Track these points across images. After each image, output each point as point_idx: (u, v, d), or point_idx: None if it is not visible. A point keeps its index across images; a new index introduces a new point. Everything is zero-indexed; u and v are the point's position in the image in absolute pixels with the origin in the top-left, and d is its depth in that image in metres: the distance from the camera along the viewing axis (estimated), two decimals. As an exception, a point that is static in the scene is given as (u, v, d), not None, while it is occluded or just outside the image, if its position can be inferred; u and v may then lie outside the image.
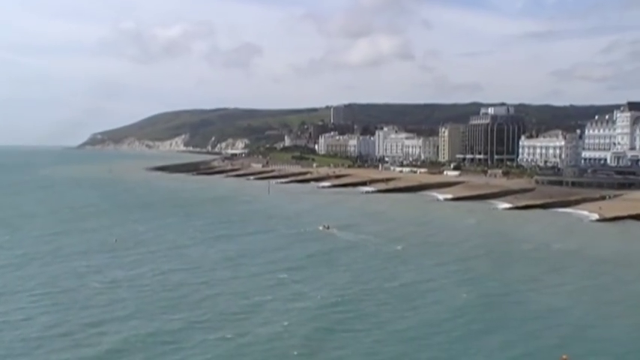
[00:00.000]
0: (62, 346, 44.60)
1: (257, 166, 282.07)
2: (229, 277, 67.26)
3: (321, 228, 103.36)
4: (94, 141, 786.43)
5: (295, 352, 43.77)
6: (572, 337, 48.43)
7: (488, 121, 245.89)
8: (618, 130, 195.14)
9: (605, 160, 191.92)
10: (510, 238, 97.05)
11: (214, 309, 54.36)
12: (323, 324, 50.45)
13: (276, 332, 48.02)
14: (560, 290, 62.47)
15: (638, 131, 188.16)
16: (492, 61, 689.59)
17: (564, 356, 43.30)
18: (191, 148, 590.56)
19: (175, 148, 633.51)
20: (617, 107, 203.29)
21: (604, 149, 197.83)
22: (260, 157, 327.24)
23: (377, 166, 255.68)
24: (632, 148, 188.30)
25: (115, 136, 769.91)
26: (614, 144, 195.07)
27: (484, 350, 45.45)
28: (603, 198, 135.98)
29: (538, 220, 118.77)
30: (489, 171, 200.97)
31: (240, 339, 46.53)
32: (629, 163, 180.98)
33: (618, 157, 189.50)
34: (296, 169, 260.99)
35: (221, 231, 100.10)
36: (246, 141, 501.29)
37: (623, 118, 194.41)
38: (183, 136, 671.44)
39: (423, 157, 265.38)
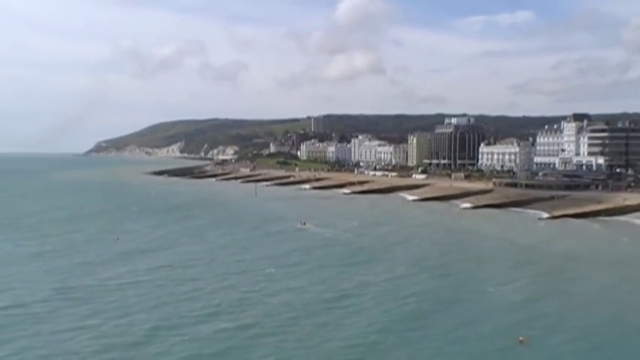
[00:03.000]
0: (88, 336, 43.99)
1: (245, 171, 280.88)
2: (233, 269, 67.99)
3: (299, 225, 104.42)
4: (98, 148, 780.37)
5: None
6: (529, 320, 48.93)
7: (451, 130, 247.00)
8: (565, 139, 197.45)
9: (554, 164, 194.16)
10: (473, 234, 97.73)
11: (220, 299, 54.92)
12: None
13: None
14: (516, 280, 63.14)
15: (582, 139, 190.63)
16: (455, 77, 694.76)
17: (521, 337, 43.68)
18: (186, 155, 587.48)
19: (172, 155, 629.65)
20: (564, 118, 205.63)
21: (553, 155, 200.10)
22: (248, 162, 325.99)
23: (353, 171, 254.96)
24: (577, 154, 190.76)
25: (118, 144, 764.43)
26: (562, 150, 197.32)
27: (450, 332, 46.13)
28: (552, 198, 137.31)
29: (496, 218, 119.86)
30: (453, 174, 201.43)
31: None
32: (575, 168, 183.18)
33: (565, 162, 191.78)
34: (280, 173, 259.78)
35: (215, 232, 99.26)
36: (236, 148, 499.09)
37: (569, 128, 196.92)
38: (178, 144, 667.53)
39: (393, 162, 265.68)
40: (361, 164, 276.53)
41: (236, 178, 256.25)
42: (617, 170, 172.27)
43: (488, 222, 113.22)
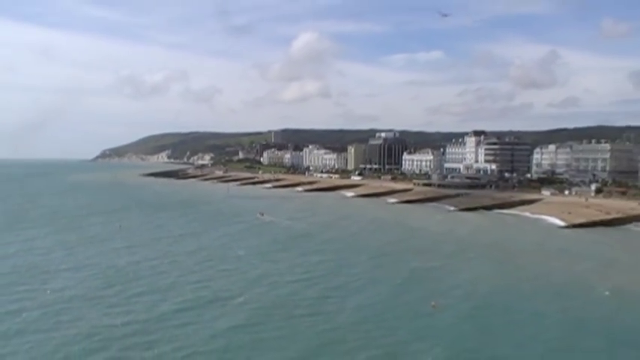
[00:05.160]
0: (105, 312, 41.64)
1: (219, 173, 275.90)
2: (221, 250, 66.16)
3: (258, 215, 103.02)
4: (103, 155, 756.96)
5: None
6: (441, 290, 48.75)
7: (381, 142, 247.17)
8: (467, 149, 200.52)
9: (459, 169, 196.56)
10: (402, 223, 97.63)
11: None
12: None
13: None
14: (431, 257, 63.44)
15: (480, 150, 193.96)
16: (385, 100, 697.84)
17: (433, 303, 43.66)
18: (172, 160, 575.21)
19: (161, 160, 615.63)
20: (467, 134, 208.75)
21: (458, 162, 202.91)
22: (221, 166, 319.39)
23: (304, 173, 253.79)
24: (476, 161, 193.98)
25: (119, 152, 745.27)
26: (465, 158, 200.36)
27: (376, 298, 45.96)
28: (458, 195, 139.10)
29: (416, 211, 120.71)
30: (382, 176, 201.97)
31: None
32: (475, 172, 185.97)
33: (467, 167, 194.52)
34: (247, 174, 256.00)
35: (200, 223, 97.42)
36: (212, 155, 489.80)
37: (470, 141, 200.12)
38: (166, 152, 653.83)
39: (336, 166, 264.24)
40: (311, 168, 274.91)
41: (212, 178, 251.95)
42: (506, 174, 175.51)
43: (410, 214, 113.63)
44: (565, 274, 56.54)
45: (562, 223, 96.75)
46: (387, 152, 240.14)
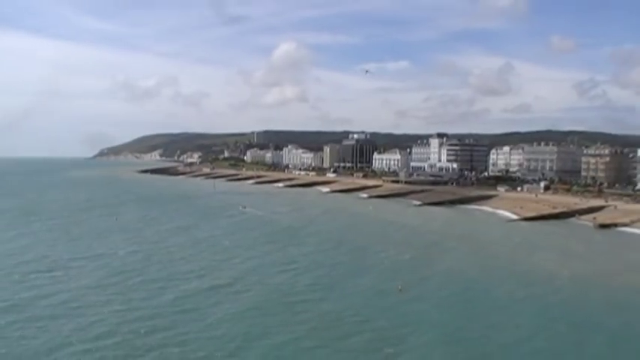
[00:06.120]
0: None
1: (207, 170, 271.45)
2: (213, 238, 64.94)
3: (240, 208, 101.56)
4: (101, 154, 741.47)
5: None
6: (406, 276, 48.66)
7: (354, 142, 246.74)
8: (432, 150, 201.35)
9: (424, 167, 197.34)
10: (376, 216, 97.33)
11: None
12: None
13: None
14: (407, 248, 62.97)
15: (442, 150, 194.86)
16: (357, 105, 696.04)
17: (399, 287, 43.61)
18: (164, 158, 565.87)
19: (154, 159, 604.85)
20: (431, 136, 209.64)
21: (423, 161, 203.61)
22: (209, 164, 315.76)
23: (284, 170, 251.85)
24: (439, 161, 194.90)
25: (115, 150, 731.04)
26: (429, 158, 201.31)
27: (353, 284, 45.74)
28: (423, 191, 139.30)
29: (386, 204, 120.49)
30: (354, 174, 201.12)
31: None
32: (438, 170, 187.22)
33: (431, 166, 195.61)
34: (232, 171, 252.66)
35: (190, 217, 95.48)
36: (200, 154, 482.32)
37: (434, 143, 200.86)
38: (159, 151, 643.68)
39: (313, 164, 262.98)
40: (290, 166, 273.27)
41: (200, 175, 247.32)
42: (465, 173, 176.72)
43: (382, 208, 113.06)
44: (527, 262, 56.97)
45: (516, 217, 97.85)
46: (359, 152, 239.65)
